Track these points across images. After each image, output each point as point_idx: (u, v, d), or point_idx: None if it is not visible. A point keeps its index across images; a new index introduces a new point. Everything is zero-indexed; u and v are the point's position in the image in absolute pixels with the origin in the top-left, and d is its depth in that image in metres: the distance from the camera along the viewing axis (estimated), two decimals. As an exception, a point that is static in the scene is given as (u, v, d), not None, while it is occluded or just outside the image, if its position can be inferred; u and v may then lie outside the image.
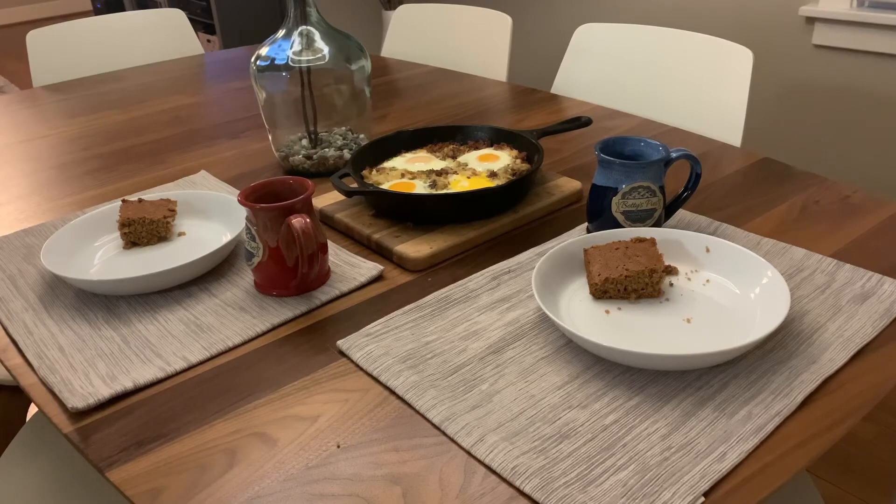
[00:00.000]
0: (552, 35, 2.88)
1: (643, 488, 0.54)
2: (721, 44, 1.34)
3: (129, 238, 0.89)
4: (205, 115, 1.42)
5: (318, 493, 0.55)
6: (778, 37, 2.22)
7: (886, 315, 0.72)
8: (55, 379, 0.68)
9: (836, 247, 0.84)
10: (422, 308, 0.77)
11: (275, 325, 0.76)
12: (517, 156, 1.02)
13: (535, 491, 0.54)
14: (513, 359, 0.68)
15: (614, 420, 0.61)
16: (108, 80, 1.69)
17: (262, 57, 1.07)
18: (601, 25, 1.54)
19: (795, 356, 0.67)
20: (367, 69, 1.10)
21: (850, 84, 2.12)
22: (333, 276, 0.83)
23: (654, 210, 0.82)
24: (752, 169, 1.06)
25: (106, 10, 4.32)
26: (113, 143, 1.29)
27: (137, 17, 1.90)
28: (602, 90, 1.48)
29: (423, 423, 0.62)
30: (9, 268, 0.88)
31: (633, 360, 0.64)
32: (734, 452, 0.57)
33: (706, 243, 0.79)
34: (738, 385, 0.64)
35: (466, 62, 1.71)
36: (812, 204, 0.95)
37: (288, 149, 1.11)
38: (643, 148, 0.85)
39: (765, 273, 0.73)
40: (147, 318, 0.77)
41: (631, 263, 0.74)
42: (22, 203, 1.07)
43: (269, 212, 0.75)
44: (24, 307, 0.80)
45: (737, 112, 1.28)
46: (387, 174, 0.98)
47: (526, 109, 1.36)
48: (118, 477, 0.58)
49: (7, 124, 1.43)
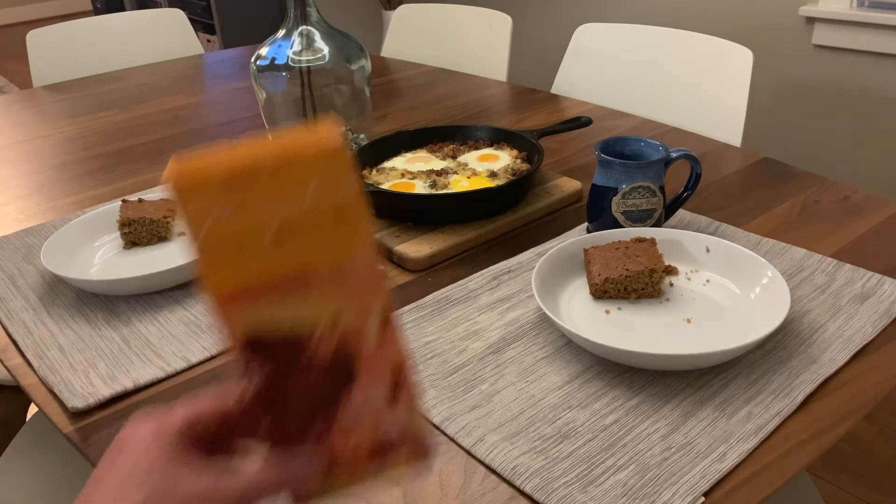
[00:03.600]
0: (552, 35, 2.88)
1: (643, 488, 0.54)
2: (721, 44, 1.34)
3: (129, 238, 0.89)
4: (205, 115, 1.42)
5: (318, 493, 0.55)
6: (778, 37, 2.22)
7: (886, 315, 0.72)
8: (55, 379, 0.68)
9: (836, 247, 0.84)
10: (422, 308, 0.77)
11: (275, 325, 0.76)
12: (517, 156, 1.02)
13: (535, 491, 0.54)
14: (513, 359, 0.68)
15: (614, 420, 0.61)
16: (108, 80, 1.69)
17: (262, 57, 1.07)
18: (601, 25, 1.54)
19: (795, 356, 0.67)
20: (367, 69, 1.10)
21: (850, 84, 2.12)
22: (333, 276, 0.83)
23: (654, 210, 0.82)
24: (752, 169, 1.06)
25: (106, 10, 4.32)
26: (113, 143, 1.29)
27: (137, 17, 1.90)
28: (602, 90, 1.48)
29: (423, 423, 0.62)
30: (9, 268, 0.88)
31: (633, 360, 0.64)
32: (734, 452, 0.57)
33: (706, 243, 0.79)
34: (738, 385, 0.64)
35: (466, 62, 1.71)
36: (812, 204, 0.95)
37: (288, 149, 1.11)
38: (643, 148, 0.85)
39: (765, 273, 0.73)
40: (147, 318, 0.77)
41: (631, 263, 0.74)
42: (22, 203, 1.07)
43: (269, 212, 0.75)
44: (24, 307, 0.80)
45: (737, 112, 1.27)
46: (387, 174, 0.98)
47: (526, 109, 1.36)
48: (118, 477, 0.58)
49: (7, 124, 1.43)
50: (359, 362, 0.40)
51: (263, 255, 0.37)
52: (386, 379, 0.41)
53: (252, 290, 0.38)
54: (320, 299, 0.38)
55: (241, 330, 0.38)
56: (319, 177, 0.37)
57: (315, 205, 0.37)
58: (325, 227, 0.38)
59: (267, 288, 0.38)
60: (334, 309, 0.39)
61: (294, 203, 0.37)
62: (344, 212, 0.38)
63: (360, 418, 0.41)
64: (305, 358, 0.39)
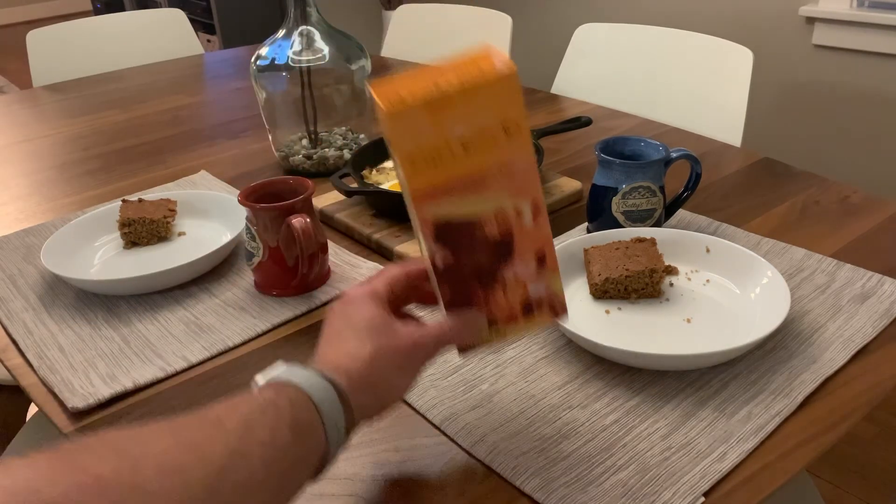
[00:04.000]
0: (552, 35, 2.88)
1: (643, 488, 0.54)
2: (721, 44, 1.34)
3: (129, 238, 0.89)
4: (205, 115, 1.42)
5: (318, 493, 0.55)
6: (778, 37, 2.22)
7: (886, 315, 0.72)
8: (55, 379, 0.68)
9: (836, 247, 0.84)
10: (422, 308, 0.76)
11: (275, 325, 0.76)
12: (517, 156, 1.01)
13: (535, 491, 0.54)
14: (513, 359, 0.68)
15: (614, 420, 0.61)
16: (108, 80, 1.69)
17: (262, 57, 1.07)
18: (601, 25, 1.54)
19: (795, 356, 0.67)
20: (367, 69, 1.10)
21: (850, 84, 2.12)
22: (333, 276, 0.83)
23: (654, 210, 0.82)
24: (752, 169, 1.06)
25: (106, 10, 4.32)
26: (113, 143, 1.29)
27: (137, 17, 1.90)
28: (602, 90, 1.48)
29: (423, 423, 0.62)
30: (9, 268, 0.88)
31: (633, 360, 0.64)
32: (734, 452, 0.57)
33: (706, 243, 0.79)
34: (738, 385, 0.64)
35: (466, 62, 1.71)
36: (812, 204, 0.95)
37: (288, 149, 1.11)
38: (643, 148, 0.85)
39: (765, 273, 0.73)
40: (147, 318, 0.77)
41: (631, 263, 0.74)
42: (22, 203, 1.07)
43: (269, 212, 0.75)
44: (24, 307, 0.80)
45: (737, 112, 1.27)
46: (387, 174, 0.98)
47: (526, 109, 1.36)
48: (118, 477, 0.58)
49: (7, 124, 1.43)
50: (515, 240, 0.52)
51: (452, 162, 0.48)
52: (534, 252, 0.53)
53: (443, 188, 0.49)
54: (491, 193, 0.50)
55: (432, 220, 0.50)
56: (497, 97, 0.47)
57: (492, 120, 0.48)
58: (498, 138, 0.49)
59: (453, 187, 0.49)
60: (501, 200, 0.50)
61: (478, 120, 0.47)
62: (513, 124, 0.48)
63: (515, 282, 0.53)
64: (477, 238, 0.51)
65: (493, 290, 0.54)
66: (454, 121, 0.47)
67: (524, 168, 0.50)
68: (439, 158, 0.48)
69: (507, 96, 0.48)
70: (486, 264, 0.52)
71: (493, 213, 0.51)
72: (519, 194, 0.51)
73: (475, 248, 0.52)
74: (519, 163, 0.50)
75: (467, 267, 0.52)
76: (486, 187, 0.50)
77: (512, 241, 0.52)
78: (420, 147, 0.47)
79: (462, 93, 0.46)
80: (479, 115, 0.47)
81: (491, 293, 0.54)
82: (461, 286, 0.53)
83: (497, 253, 0.52)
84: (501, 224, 0.51)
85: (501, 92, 0.47)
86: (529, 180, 0.51)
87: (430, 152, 0.48)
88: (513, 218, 0.51)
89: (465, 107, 0.47)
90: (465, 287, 0.53)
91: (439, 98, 0.46)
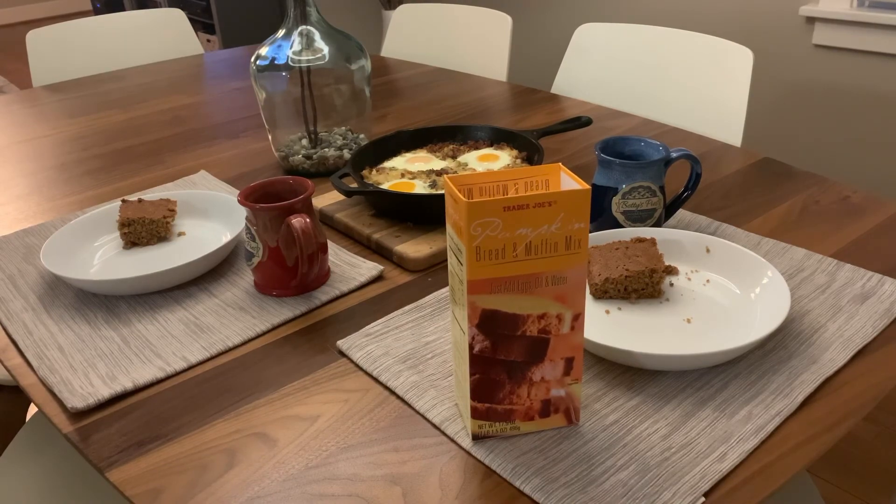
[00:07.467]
0: (552, 35, 2.88)
1: (643, 488, 0.54)
2: (721, 44, 1.34)
3: (129, 238, 0.89)
4: (205, 115, 1.42)
5: (318, 494, 0.55)
6: (778, 37, 2.22)
7: (886, 315, 0.72)
8: (55, 379, 0.68)
9: (836, 247, 0.84)
10: (422, 308, 0.77)
11: (275, 325, 0.76)
12: (517, 156, 1.02)
13: (535, 491, 0.54)
14: (513, 359, 0.68)
15: (614, 420, 0.61)
16: (108, 80, 1.69)
17: (262, 57, 1.07)
18: (601, 25, 1.54)
19: (795, 356, 0.67)
20: (367, 69, 1.10)
21: (850, 84, 2.12)
22: (333, 276, 0.83)
23: (654, 210, 0.82)
24: (752, 169, 1.06)
25: (106, 9, 4.32)
26: (113, 143, 1.29)
27: (137, 17, 1.90)
28: (602, 90, 1.48)
29: (423, 423, 0.62)
30: (9, 268, 0.88)
31: (633, 360, 0.64)
32: (734, 452, 0.57)
33: (706, 243, 0.79)
34: (738, 385, 0.64)
35: (466, 62, 1.71)
36: (812, 204, 0.95)
37: (288, 149, 1.11)
38: (643, 148, 0.85)
39: (765, 273, 0.73)
40: (147, 318, 0.77)
41: (631, 263, 0.74)
42: (22, 203, 1.07)
43: (269, 212, 0.75)
44: (24, 307, 0.80)
45: (737, 112, 1.27)
46: (387, 174, 0.98)
47: (526, 109, 1.36)
48: (118, 477, 0.58)
49: (7, 124, 1.43)
50: (551, 343, 0.56)
51: (514, 261, 0.52)
52: (564, 358, 0.57)
53: (499, 281, 0.53)
54: (540, 296, 0.54)
55: (481, 307, 0.53)
56: (566, 211, 0.51)
57: (557, 230, 0.52)
58: (558, 247, 0.53)
59: (508, 282, 0.53)
60: (547, 305, 0.54)
61: (544, 226, 0.52)
62: (573, 237, 0.52)
63: (541, 382, 0.57)
64: (517, 333, 0.55)
65: (520, 385, 0.57)
66: (525, 223, 0.51)
67: (576, 281, 0.54)
68: (503, 255, 0.52)
69: (575, 212, 0.51)
70: (519, 359, 0.56)
71: (538, 314, 0.54)
72: (565, 303, 0.54)
73: (513, 341, 0.55)
74: (573, 276, 0.54)
75: (501, 357, 0.56)
76: (538, 291, 0.53)
77: (547, 344, 0.56)
78: (488, 240, 0.51)
79: (536, 197, 0.51)
80: (547, 222, 0.51)
81: (516, 387, 0.57)
82: (491, 374, 0.56)
83: (531, 351, 0.56)
84: (542, 326, 0.55)
85: (571, 207, 0.51)
86: (578, 293, 0.54)
87: (498, 246, 0.51)
88: (554, 323, 0.55)
89: (539, 213, 0.51)
90: (495, 375, 0.56)
91: (515, 199, 0.50)
